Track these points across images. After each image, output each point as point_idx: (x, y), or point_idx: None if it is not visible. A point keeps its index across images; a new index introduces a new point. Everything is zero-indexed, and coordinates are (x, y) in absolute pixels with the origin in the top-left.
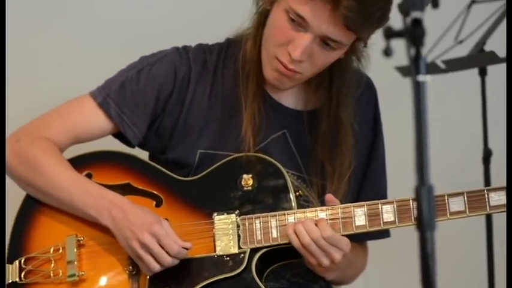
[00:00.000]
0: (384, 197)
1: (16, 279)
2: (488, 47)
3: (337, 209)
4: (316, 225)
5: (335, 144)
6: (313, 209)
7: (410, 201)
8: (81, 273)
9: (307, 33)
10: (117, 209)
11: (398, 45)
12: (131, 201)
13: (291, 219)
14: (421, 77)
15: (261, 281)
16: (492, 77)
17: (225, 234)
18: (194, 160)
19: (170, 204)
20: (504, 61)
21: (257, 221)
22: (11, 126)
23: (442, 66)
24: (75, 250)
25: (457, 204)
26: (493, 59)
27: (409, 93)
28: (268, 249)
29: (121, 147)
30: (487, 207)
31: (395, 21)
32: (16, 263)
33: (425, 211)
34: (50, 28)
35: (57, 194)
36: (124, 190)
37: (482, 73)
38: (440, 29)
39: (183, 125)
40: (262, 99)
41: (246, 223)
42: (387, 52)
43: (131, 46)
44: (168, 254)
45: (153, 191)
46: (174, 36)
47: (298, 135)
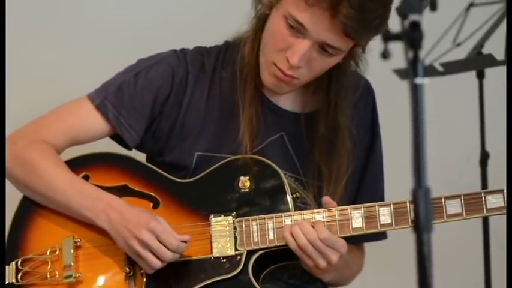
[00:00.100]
0: (382, 199)
1: (13, 280)
2: (486, 50)
3: (334, 211)
4: (312, 227)
5: (332, 147)
6: (310, 211)
7: (407, 203)
8: (77, 275)
9: (306, 40)
10: (114, 211)
11: (397, 48)
12: (128, 203)
13: (287, 221)
14: (419, 80)
15: (258, 283)
16: (490, 79)
17: (222, 236)
18: (191, 162)
19: (167, 206)
20: (502, 64)
21: (254, 223)
22: (8, 128)
23: (440, 68)
24: (72, 252)
25: (454, 206)
26: (491, 61)
27: (406, 96)
28: (265, 251)
29: (118, 149)
30: (484, 210)
31: (393, 24)
32: (13, 265)
33: (422, 213)
34: (48, 30)
35: (53, 196)
36: (121, 192)
37: (480, 76)
38: (438, 32)
39: (180, 128)
40: (259, 102)
41: (243, 225)
42: (385, 55)
43: (129, 49)
44: (168, 249)
45: (150, 193)
46: (172, 38)
47: (295, 138)
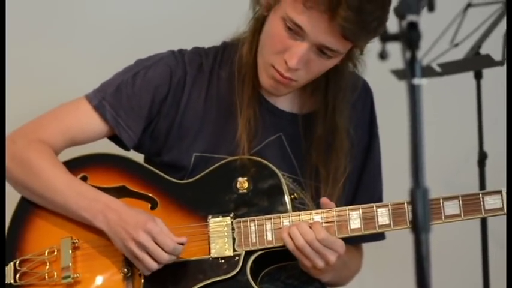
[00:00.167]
0: (380, 200)
1: (11, 281)
2: (483, 50)
3: (332, 212)
4: (310, 227)
5: (330, 148)
6: (308, 212)
7: (406, 204)
8: (76, 276)
9: (304, 42)
10: (111, 211)
11: (394, 49)
12: (126, 204)
13: (286, 222)
14: (416, 80)
15: (256, 284)
16: (488, 80)
17: (220, 236)
18: (189, 163)
19: (165, 206)
20: (500, 64)
21: (252, 224)
22: (8, 128)
23: (437, 69)
24: (70, 252)
25: (452, 207)
26: (489, 62)
27: (404, 97)
28: (263, 251)
29: (116, 149)
30: (482, 211)
31: (391, 24)
32: (11, 265)
33: (420, 213)
34: (48, 30)
35: (51, 196)
36: (119, 193)
37: (478, 76)
38: (436, 32)
39: (178, 128)
40: (257, 103)
41: (241, 226)
42: (383, 55)
43: (127, 49)
44: (164, 250)
45: (148, 194)
46: (170, 39)
47: (293, 139)
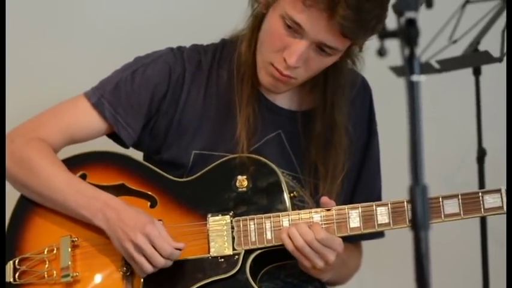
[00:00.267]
0: (379, 197)
1: (10, 279)
2: (482, 47)
3: (331, 211)
4: (309, 228)
5: (329, 145)
6: (308, 210)
7: (405, 203)
8: (75, 274)
9: (303, 40)
10: (111, 210)
11: (393, 46)
12: (125, 202)
13: (285, 221)
14: (415, 77)
15: (256, 283)
16: (486, 76)
17: (219, 235)
18: (189, 161)
19: (164, 205)
20: (498, 61)
21: (251, 223)
22: (8, 128)
23: (436, 66)
24: (70, 251)
25: (451, 206)
26: (487, 58)
27: (403, 93)
28: (263, 250)
29: (115, 147)
30: (482, 210)
31: (389, 21)
32: (10, 264)
33: (419, 211)
34: (47, 30)
35: (50, 194)
36: (118, 191)
37: (477, 73)
38: (434, 29)
39: (177, 126)
40: (256, 101)
41: (241, 224)
42: (381, 52)
43: (126, 47)
44: (161, 255)
45: (148, 192)
46: (168, 36)
47: (292, 136)
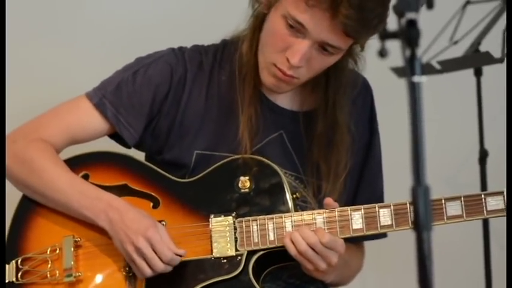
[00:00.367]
0: (381, 196)
1: (13, 279)
2: (483, 48)
3: (334, 212)
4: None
5: (331, 144)
6: (311, 212)
7: (408, 204)
8: (78, 274)
9: (306, 39)
10: (114, 210)
11: (394, 46)
12: (128, 202)
13: (288, 222)
14: (416, 78)
15: (258, 283)
16: (487, 77)
17: (222, 236)
18: (191, 161)
19: (167, 205)
20: (499, 61)
21: (254, 224)
22: (8, 128)
23: (437, 66)
24: (72, 251)
25: (454, 208)
26: (488, 59)
27: (404, 94)
28: (265, 251)
29: (117, 148)
30: (484, 212)
31: (390, 22)
32: (13, 263)
33: (421, 212)
34: (48, 30)
35: (53, 195)
36: (121, 191)
37: (478, 73)
38: (435, 30)
39: (179, 126)
40: (258, 101)
41: (243, 225)
42: (382, 53)
43: (127, 47)
44: (161, 259)
45: (151, 192)
46: (169, 37)
47: (294, 136)
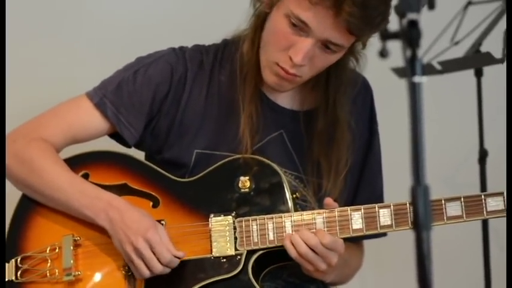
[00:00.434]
0: (381, 195)
1: (12, 277)
2: (484, 48)
3: (334, 212)
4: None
5: (331, 141)
6: (311, 212)
7: (407, 205)
8: (77, 273)
9: (309, 38)
10: (114, 210)
11: (395, 47)
12: (128, 202)
13: (287, 222)
14: (417, 78)
15: (258, 283)
16: (488, 78)
17: (222, 235)
18: (190, 160)
19: (167, 205)
20: (500, 62)
21: (254, 223)
22: (8, 128)
23: (438, 67)
24: (72, 250)
25: (454, 209)
26: (489, 60)
27: (405, 95)
28: (265, 251)
29: (117, 147)
30: (484, 213)
31: (391, 22)
32: (12, 262)
33: (421, 211)
34: (48, 30)
35: (53, 194)
36: (121, 190)
37: (478, 74)
38: (436, 30)
39: (179, 125)
40: (259, 100)
41: (243, 225)
42: (383, 53)
43: (127, 47)
44: (160, 261)
45: (150, 192)
46: (170, 36)
47: (295, 135)
